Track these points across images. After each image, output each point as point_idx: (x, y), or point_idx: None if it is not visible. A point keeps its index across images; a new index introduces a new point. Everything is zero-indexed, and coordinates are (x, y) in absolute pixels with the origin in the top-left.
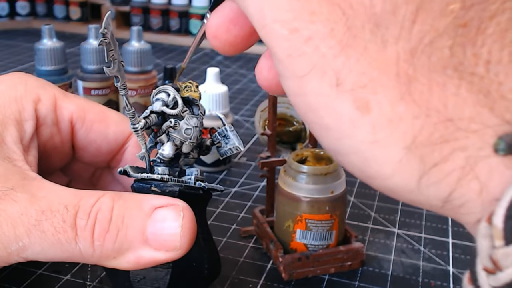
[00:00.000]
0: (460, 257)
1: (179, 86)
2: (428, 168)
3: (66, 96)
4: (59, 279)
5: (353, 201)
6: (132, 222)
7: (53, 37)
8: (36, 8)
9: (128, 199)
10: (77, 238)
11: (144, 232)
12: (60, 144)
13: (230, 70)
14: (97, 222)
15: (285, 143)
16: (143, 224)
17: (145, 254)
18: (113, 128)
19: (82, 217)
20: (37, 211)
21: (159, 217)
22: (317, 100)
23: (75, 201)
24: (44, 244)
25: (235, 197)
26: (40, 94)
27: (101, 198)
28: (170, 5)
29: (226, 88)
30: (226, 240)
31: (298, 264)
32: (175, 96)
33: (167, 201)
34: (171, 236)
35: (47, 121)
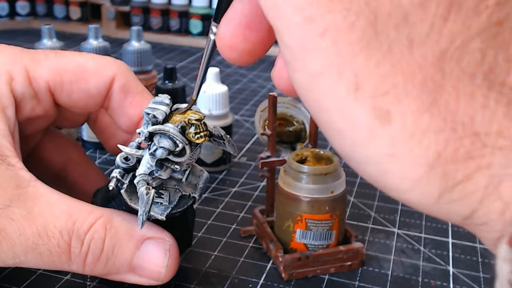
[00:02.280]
0: (460, 257)
1: (184, 123)
2: (450, 187)
3: (38, 63)
4: (59, 279)
5: (353, 201)
6: (121, 252)
7: (53, 37)
8: (36, 8)
9: (119, 228)
10: (70, 262)
11: (131, 262)
12: (43, 113)
13: (230, 70)
14: (89, 252)
15: (285, 143)
16: (131, 255)
17: (130, 278)
18: (94, 81)
19: (76, 246)
20: (34, 233)
21: (146, 251)
22: (330, 102)
23: (68, 226)
24: (39, 262)
25: (235, 197)
26: (11, 71)
27: (94, 226)
28: (170, 5)
29: (226, 88)
30: (226, 240)
31: (298, 264)
32: (185, 148)
33: (155, 233)
34: (155, 271)
35: (25, 97)
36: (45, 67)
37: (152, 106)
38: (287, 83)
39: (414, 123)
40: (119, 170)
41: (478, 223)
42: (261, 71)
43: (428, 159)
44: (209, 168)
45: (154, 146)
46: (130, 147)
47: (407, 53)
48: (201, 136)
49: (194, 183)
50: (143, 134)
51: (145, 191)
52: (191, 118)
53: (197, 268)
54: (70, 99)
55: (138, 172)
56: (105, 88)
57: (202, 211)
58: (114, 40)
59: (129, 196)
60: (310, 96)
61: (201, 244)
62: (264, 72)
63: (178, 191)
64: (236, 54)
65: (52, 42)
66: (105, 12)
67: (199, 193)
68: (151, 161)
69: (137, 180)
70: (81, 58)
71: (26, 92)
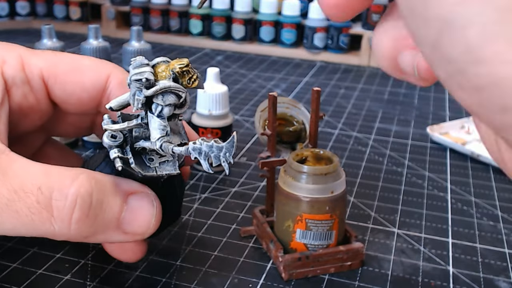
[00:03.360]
0: (460, 257)
1: (176, 72)
2: None
3: (33, 53)
4: (59, 279)
5: (353, 201)
6: (109, 207)
7: (53, 37)
8: (36, 8)
9: (104, 182)
10: (53, 220)
11: (119, 217)
12: (35, 103)
13: (230, 70)
14: (77, 206)
15: (285, 143)
16: (120, 209)
17: (114, 237)
18: (89, 75)
19: (59, 198)
20: (9, 190)
21: (134, 205)
22: None
23: (48, 182)
24: (16, 222)
25: (235, 197)
26: (4, 56)
27: (77, 180)
28: (170, 5)
29: (226, 88)
30: (226, 240)
31: (298, 264)
32: (186, 98)
33: (138, 188)
34: (144, 224)
35: (16, 81)
36: (41, 57)
37: (137, 71)
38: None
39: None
40: (116, 149)
41: None
42: (261, 71)
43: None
44: None
45: (159, 107)
46: (106, 124)
47: None
48: (194, 79)
49: (177, 131)
50: (139, 101)
51: (188, 146)
52: (181, 66)
53: (197, 268)
54: (64, 91)
55: (154, 138)
56: (100, 84)
57: (202, 211)
58: (114, 40)
59: (140, 167)
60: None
61: (201, 244)
62: (264, 72)
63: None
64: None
65: (52, 42)
66: (105, 12)
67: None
68: (163, 122)
69: (160, 145)
70: (78, 55)
71: (18, 77)
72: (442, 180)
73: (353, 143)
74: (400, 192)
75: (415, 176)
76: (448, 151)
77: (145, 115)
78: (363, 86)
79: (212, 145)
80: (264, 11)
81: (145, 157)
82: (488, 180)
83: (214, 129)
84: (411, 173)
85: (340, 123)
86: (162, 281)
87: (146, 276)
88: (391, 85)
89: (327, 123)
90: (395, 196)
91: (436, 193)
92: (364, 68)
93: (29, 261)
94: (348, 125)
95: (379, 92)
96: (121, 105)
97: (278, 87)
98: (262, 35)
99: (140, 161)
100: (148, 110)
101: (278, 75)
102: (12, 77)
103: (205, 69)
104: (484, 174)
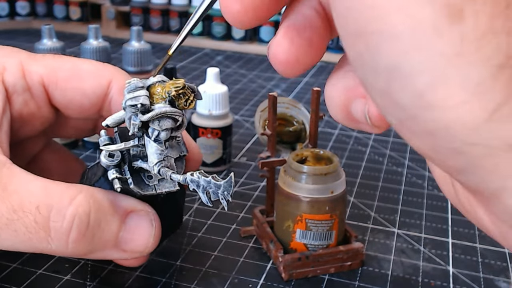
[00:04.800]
0: (460, 257)
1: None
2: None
3: (34, 59)
4: (59, 279)
5: (353, 201)
6: (108, 227)
7: (53, 37)
8: (36, 8)
9: (102, 202)
10: (50, 239)
11: (118, 236)
12: (36, 109)
13: (230, 70)
14: (74, 227)
15: (285, 143)
16: (118, 229)
17: (112, 255)
18: (89, 81)
19: (56, 220)
20: (8, 209)
21: (133, 225)
22: (390, 2)
23: (46, 200)
24: (15, 240)
25: (235, 197)
26: (4, 63)
27: (75, 200)
28: (170, 5)
29: (226, 88)
30: (226, 240)
31: (298, 264)
32: (183, 120)
33: (137, 206)
34: (142, 244)
35: (17, 88)
36: (41, 63)
37: (131, 95)
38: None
39: (487, 23)
40: (114, 169)
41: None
42: (261, 71)
43: (498, 60)
44: (209, 168)
45: (155, 131)
46: (102, 142)
47: None
48: (191, 101)
49: (176, 144)
50: (135, 126)
51: (186, 177)
52: (177, 89)
53: (197, 268)
54: (65, 97)
55: (151, 163)
56: (101, 90)
57: (202, 211)
58: (114, 40)
59: (139, 186)
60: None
61: (201, 244)
62: (264, 72)
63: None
64: (239, 7)
65: (52, 42)
66: (105, 12)
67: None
68: (159, 146)
69: (158, 170)
70: (79, 60)
71: (19, 84)
72: None
73: (353, 143)
74: (400, 192)
75: (415, 176)
76: None
77: (142, 136)
78: None
79: (210, 181)
80: None
81: (144, 175)
82: None
83: (214, 129)
84: (411, 173)
85: (340, 123)
86: (162, 281)
87: (146, 276)
88: None
89: (327, 123)
90: (395, 196)
91: (436, 193)
92: None
93: (29, 261)
94: None
95: None
96: (118, 122)
97: (278, 87)
98: (262, 35)
99: (139, 179)
100: (144, 132)
101: (278, 75)
102: (13, 85)
103: (205, 69)
104: None
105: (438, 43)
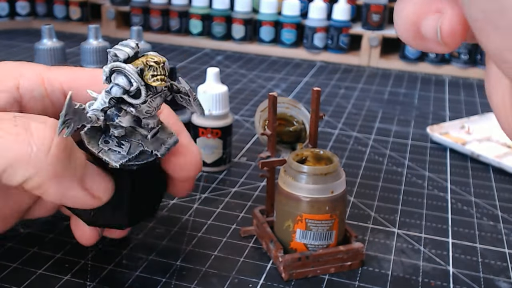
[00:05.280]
0: (460, 257)
1: (143, 65)
2: None
3: (52, 69)
4: (59, 279)
5: (353, 201)
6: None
7: (53, 37)
8: (36, 8)
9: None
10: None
11: (83, 171)
12: (55, 116)
13: (230, 70)
14: (55, 136)
15: (285, 143)
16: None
17: (78, 192)
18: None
19: (39, 120)
20: None
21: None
22: None
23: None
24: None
25: (235, 197)
26: (22, 70)
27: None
28: (170, 5)
29: (226, 88)
30: (226, 240)
31: (298, 264)
32: (139, 87)
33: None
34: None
35: (34, 94)
36: (60, 72)
37: (117, 47)
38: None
39: None
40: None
41: None
42: (261, 71)
43: None
44: (209, 168)
45: (111, 84)
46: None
47: None
48: (157, 79)
49: (160, 143)
50: (104, 73)
51: (85, 111)
52: (150, 60)
53: (197, 268)
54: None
55: (91, 107)
56: None
57: (202, 211)
58: (114, 40)
59: (88, 139)
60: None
61: (201, 244)
62: (264, 72)
63: (141, 145)
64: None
65: (52, 42)
66: (105, 12)
67: (162, 152)
68: (105, 97)
69: (89, 115)
70: (95, 69)
71: (36, 90)
72: (442, 180)
73: (353, 143)
74: (400, 192)
75: (415, 176)
76: (448, 151)
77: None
78: (363, 86)
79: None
80: (264, 11)
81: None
82: (488, 180)
83: (214, 129)
84: (411, 173)
85: (340, 123)
86: (162, 281)
87: (146, 276)
88: (391, 85)
89: (327, 123)
90: (395, 196)
91: (436, 193)
92: (364, 68)
93: (29, 261)
94: (348, 125)
95: (379, 92)
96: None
97: (278, 87)
98: (262, 35)
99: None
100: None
101: (278, 75)
102: (30, 90)
103: (205, 69)
104: (484, 174)
105: None
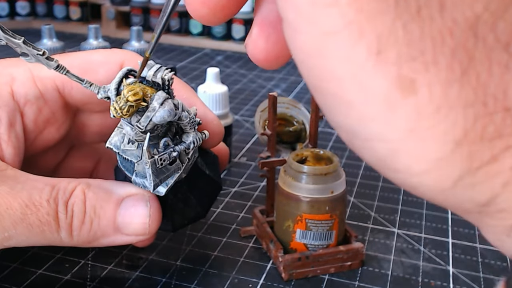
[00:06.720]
0: (460, 257)
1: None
2: (474, 169)
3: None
4: (59, 279)
5: (353, 201)
6: (103, 213)
7: (53, 37)
8: (36, 8)
9: (97, 190)
10: (59, 229)
11: (115, 221)
12: (51, 115)
13: (230, 70)
14: (74, 215)
15: (285, 143)
16: (113, 213)
17: (118, 239)
18: (102, 71)
19: (62, 211)
20: (20, 205)
21: (127, 208)
22: (343, 68)
23: (54, 194)
24: (29, 234)
25: (235, 197)
26: (13, 73)
27: (74, 191)
28: None
29: (226, 88)
30: (226, 240)
31: (298, 264)
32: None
33: (132, 190)
34: (140, 224)
35: (29, 98)
36: None
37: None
38: (265, 53)
39: (441, 96)
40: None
41: (495, 210)
42: (261, 71)
43: (455, 136)
44: None
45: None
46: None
47: (437, 17)
48: (118, 111)
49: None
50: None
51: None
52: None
53: (197, 268)
54: (83, 94)
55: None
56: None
57: None
58: (114, 40)
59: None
60: (315, 61)
61: (201, 244)
62: (264, 72)
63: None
64: (207, 10)
65: (52, 42)
66: (105, 12)
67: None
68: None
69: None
70: (86, 53)
71: (31, 93)
72: None
73: None
74: (400, 192)
75: None
76: None
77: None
78: None
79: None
80: None
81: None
82: None
83: None
84: None
85: None
86: (162, 281)
87: (146, 276)
88: None
89: (327, 123)
90: (395, 196)
91: None
92: None
93: (29, 261)
94: None
95: None
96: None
97: (278, 87)
98: None
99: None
100: None
101: (278, 75)
102: (24, 95)
103: (205, 69)
104: None
105: (392, 118)
